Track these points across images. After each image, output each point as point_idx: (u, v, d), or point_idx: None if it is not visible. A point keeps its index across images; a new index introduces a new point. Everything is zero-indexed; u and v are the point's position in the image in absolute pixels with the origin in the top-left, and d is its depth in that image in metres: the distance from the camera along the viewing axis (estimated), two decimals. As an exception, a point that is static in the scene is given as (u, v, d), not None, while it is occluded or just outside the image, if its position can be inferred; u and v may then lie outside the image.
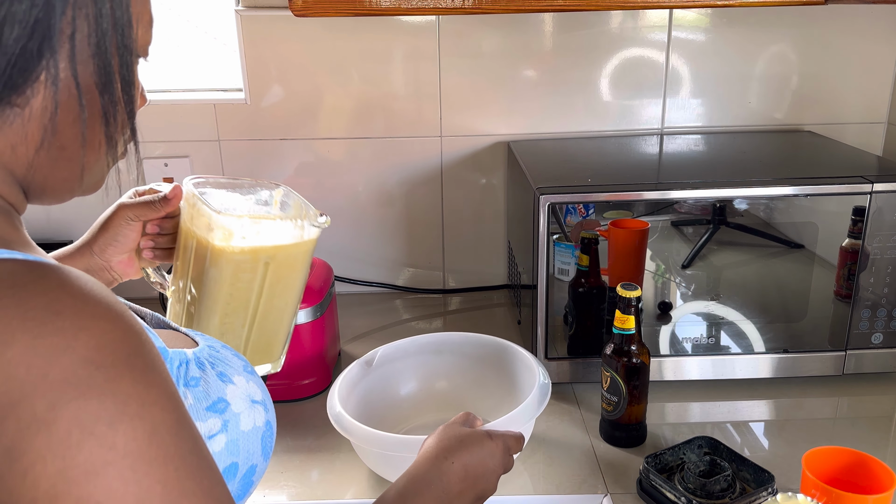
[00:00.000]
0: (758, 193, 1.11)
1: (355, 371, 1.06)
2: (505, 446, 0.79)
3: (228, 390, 0.62)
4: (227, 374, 0.64)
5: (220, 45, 1.49)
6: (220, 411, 0.60)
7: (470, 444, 0.75)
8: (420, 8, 1.20)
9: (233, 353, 0.68)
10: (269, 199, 0.85)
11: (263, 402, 0.65)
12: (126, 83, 0.52)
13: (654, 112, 1.47)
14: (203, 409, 0.59)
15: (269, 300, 0.79)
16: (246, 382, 0.65)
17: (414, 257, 1.56)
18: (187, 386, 0.58)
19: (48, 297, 0.43)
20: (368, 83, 1.43)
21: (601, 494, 0.95)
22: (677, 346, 1.17)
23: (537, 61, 1.43)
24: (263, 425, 0.64)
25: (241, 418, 0.61)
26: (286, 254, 0.78)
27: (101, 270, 0.84)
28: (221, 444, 0.59)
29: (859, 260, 1.12)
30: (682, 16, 1.41)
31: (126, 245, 0.83)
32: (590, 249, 1.12)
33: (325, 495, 0.97)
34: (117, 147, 0.54)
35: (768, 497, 0.87)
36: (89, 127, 0.51)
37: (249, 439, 0.62)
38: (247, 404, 0.63)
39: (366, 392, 1.06)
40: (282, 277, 0.79)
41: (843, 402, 1.16)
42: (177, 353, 0.59)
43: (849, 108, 1.48)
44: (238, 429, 0.61)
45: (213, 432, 0.59)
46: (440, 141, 1.47)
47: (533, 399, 0.95)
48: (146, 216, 0.82)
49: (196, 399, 0.59)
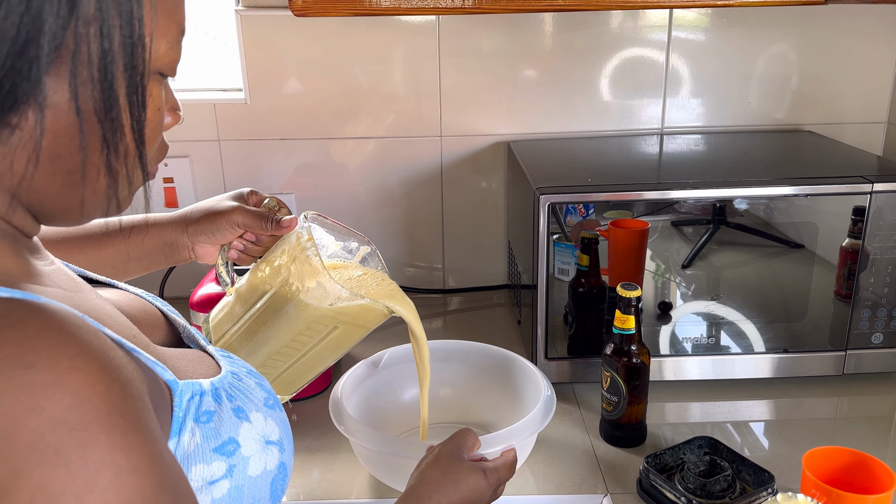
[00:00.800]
0: (758, 193, 1.11)
1: (360, 371, 1.06)
2: (498, 482, 0.79)
3: (242, 429, 0.58)
4: (245, 410, 0.60)
5: (220, 45, 1.49)
6: (229, 454, 0.56)
7: (463, 485, 0.75)
8: (420, 8, 1.20)
9: (256, 383, 0.64)
10: (354, 250, 0.89)
11: (279, 443, 0.61)
12: (135, 107, 0.48)
13: (654, 112, 1.47)
14: (210, 451, 0.55)
15: (319, 352, 0.84)
16: (264, 420, 0.61)
17: (414, 257, 1.56)
18: (197, 422, 0.54)
19: (20, 346, 0.39)
20: (368, 83, 1.43)
21: (601, 494, 0.95)
22: (677, 346, 1.17)
23: (537, 61, 1.43)
24: (276, 468, 0.60)
25: (251, 462, 0.57)
26: (358, 325, 0.82)
27: (182, 248, 0.86)
28: (224, 490, 0.55)
29: (859, 260, 1.12)
30: (682, 16, 1.41)
31: (218, 240, 0.85)
32: (590, 249, 1.12)
33: (325, 495, 0.97)
34: (118, 176, 0.50)
35: (768, 497, 0.87)
36: (89, 153, 0.47)
37: (257, 485, 0.58)
38: (259, 446, 0.59)
39: (369, 393, 1.06)
40: (342, 342, 0.83)
41: (843, 402, 1.16)
42: (189, 385, 0.55)
43: (849, 107, 1.48)
44: (245, 474, 0.57)
45: (217, 477, 0.55)
46: (440, 141, 1.47)
47: (537, 412, 0.93)
48: (253, 229, 0.83)
49: (204, 438, 0.55)
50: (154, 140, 0.53)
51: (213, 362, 0.64)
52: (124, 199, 0.54)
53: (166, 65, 0.51)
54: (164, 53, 0.50)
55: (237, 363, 0.66)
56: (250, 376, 0.65)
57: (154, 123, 0.52)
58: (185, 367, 0.60)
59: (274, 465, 0.60)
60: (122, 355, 0.45)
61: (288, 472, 0.63)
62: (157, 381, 0.53)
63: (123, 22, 0.45)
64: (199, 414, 0.55)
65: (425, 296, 1.56)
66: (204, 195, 1.48)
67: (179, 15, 0.51)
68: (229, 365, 0.64)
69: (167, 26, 0.49)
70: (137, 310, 0.68)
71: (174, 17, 0.50)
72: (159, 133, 0.54)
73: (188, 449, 0.53)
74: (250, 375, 0.65)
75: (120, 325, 0.56)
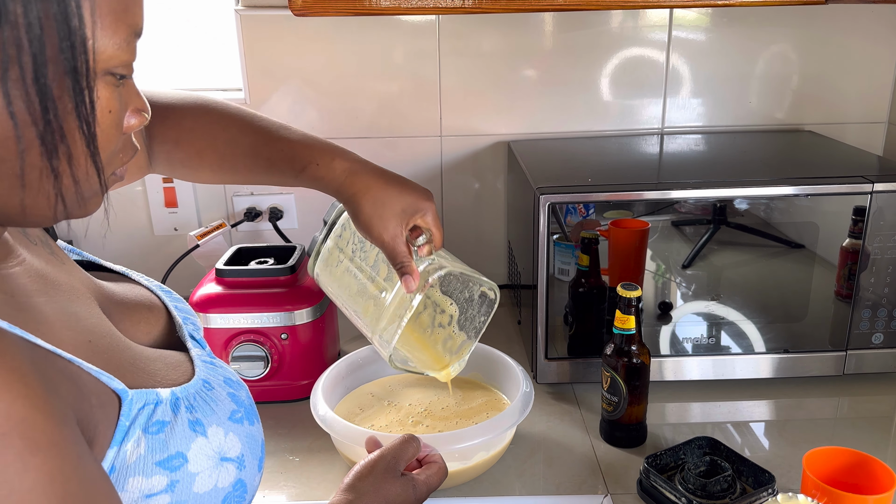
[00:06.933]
0: (758, 193, 1.11)
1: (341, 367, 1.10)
2: (428, 492, 0.80)
3: (195, 444, 0.58)
4: (203, 424, 0.59)
5: (220, 45, 1.49)
6: (173, 469, 0.56)
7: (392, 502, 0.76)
8: (420, 8, 1.20)
9: (229, 394, 0.64)
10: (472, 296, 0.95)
11: (239, 459, 0.61)
12: (82, 108, 0.47)
13: (654, 112, 1.47)
14: (152, 464, 0.55)
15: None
16: (224, 435, 0.61)
17: (414, 257, 1.56)
18: (146, 432, 0.55)
19: None
20: (368, 83, 1.43)
21: (601, 495, 0.95)
22: (677, 347, 1.17)
23: (537, 61, 1.43)
24: (230, 486, 0.60)
25: (198, 479, 0.57)
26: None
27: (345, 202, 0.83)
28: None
29: (860, 260, 1.11)
30: (683, 15, 1.41)
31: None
32: (590, 249, 1.12)
33: (325, 495, 0.97)
34: (63, 178, 0.48)
35: (769, 497, 0.87)
36: (28, 157, 0.46)
37: (204, 501, 0.58)
38: (211, 463, 0.59)
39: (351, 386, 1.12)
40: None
41: (843, 402, 1.16)
42: (143, 395, 0.55)
43: (849, 107, 1.48)
44: (189, 490, 0.57)
45: (155, 491, 0.55)
46: (440, 141, 1.47)
47: (515, 406, 0.97)
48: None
49: (149, 450, 0.55)
50: (109, 142, 0.52)
51: (191, 368, 0.64)
52: (88, 199, 0.52)
53: (117, 66, 0.49)
54: (112, 55, 0.48)
55: (216, 371, 0.65)
56: (226, 386, 0.64)
57: (106, 125, 0.50)
58: (156, 371, 0.60)
59: (228, 482, 0.60)
60: (46, 369, 0.46)
61: (248, 489, 0.63)
62: (104, 389, 0.53)
63: (58, 25, 0.44)
64: (149, 424, 0.55)
65: (425, 296, 1.56)
66: (204, 195, 1.48)
67: (131, 16, 0.49)
68: (206, 373, 0.63)
69: (115, 27, 0.48)
70: (139, 304, 0.68)
71: (124, 18, 0.48)
72: (115, 134, 0.52)
73: (129, 459, 0.53)
74: (227, 385, 0.65)
75: (73, 332, 0.55)
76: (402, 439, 0.83)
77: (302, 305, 1.14)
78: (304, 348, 1.16)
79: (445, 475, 0.84)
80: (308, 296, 1.15)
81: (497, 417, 0.95)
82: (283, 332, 1.13)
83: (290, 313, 1.13)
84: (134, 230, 1.49)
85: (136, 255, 1.50)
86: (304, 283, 1.17)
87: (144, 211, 1.48)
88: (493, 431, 0.93)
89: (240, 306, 1.13)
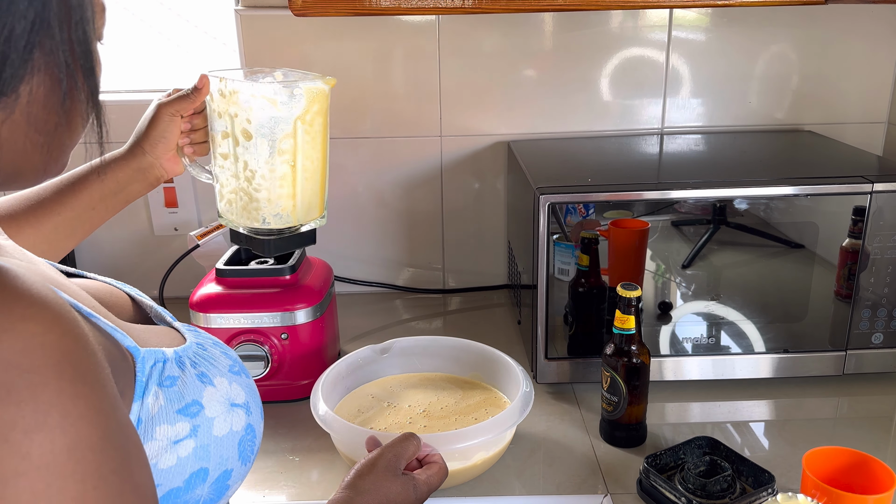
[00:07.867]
0: (758, 193, 1.11)
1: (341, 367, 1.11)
2: (429, 492, 0.81)
3: (206, 392, 0.61)
4: (209, 375, 0.63)
5: (220, 45, 1.49)
6: (192, 415, 0.59)
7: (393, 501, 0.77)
8: (420, 7, 1.20)
9: (222, 352, 0.67)
10: (272, 78, 0.96)
11: (245, 405, 0.65)
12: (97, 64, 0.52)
13: (654, 112, 1.47)
14: (174, 412, 0.57)
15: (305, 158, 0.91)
16: (228, 385, 0.64)
17: (414, 257, 1.56)
18: (161, 386, 0.57)
19: None
20: (368, 83, 1.43)
21: (601, 494, 0.95)
22: (677, 346, 1.17)
23: (537, 61, 1.43)
24: (243, 429, 0.63)
25: (215, 423, 0.61)
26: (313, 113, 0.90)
27: (150, 168, 0.92)
28: (189, 450, 0.58)
29: (859, 260, 1.11)
30: (683, 15, 1.41)
31: (172, 141, 0.91)
32: (590, 249, 1.12)
33: (325, 495, 0.97)
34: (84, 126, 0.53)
35: (768, 497, 0.87)
36: (72, 109, 0.50)
37: (223, 444, 0.61)
38: (224, 408, 0.62)
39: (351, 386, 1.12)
40: (314, 135, 0.91)
41: (843, 402, 1.16)
42: (151, 353, 0.58)
43: (849, 107, 1.48)
44: (210, 434, 0.60)
45: (181, 437, 0.57)
46: (440, 141, 1.47)
47: (515, 406, 0.98)
48: (184, 109, 0.90)
49: (168, 400, 0.57)
50: None
51: (180, 336, 0.66)
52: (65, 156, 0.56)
53: (100, 31, 0.54)
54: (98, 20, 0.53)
55: (203, 335, 0.68)
56: (216, 346, 0.67)
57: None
58: (150, 339, 0.62)
59: (241, 426, 0.63)
60: (77, 316, 0.47)
61: (256, 433, 0.66)
62: (118, 346, 0.55)
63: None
64: (163, 379, 0.58)
65: (425, 296, 1.56)
66: (203, 195, 1.48)
67: None
68: (195, 337, 0.66)
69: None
70: (104, 293, 0.70)
71: None
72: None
73: (152, 411, 0.56)
74: (216, 346, 0.68)
75: (80, 297, 0.58)
76: (402, 437, 0.84)
77: (302, 305, 1.14)
78: (304, 348, 1.16)
79: (446, 475, 0.85)
80: (308, 296, 1.15)
81: (497, 417, 0.95)
82: (283, 332, 1.14)
83: (290, 313, 1.13)
84: (134, 230, 1.49)
85: (136, 255, 1.50)
86: (304, 283, 1.18)
87: (144, 211, 1.48)
88: (493, 431, 0.93)
89: (240, 306, 1.13)
